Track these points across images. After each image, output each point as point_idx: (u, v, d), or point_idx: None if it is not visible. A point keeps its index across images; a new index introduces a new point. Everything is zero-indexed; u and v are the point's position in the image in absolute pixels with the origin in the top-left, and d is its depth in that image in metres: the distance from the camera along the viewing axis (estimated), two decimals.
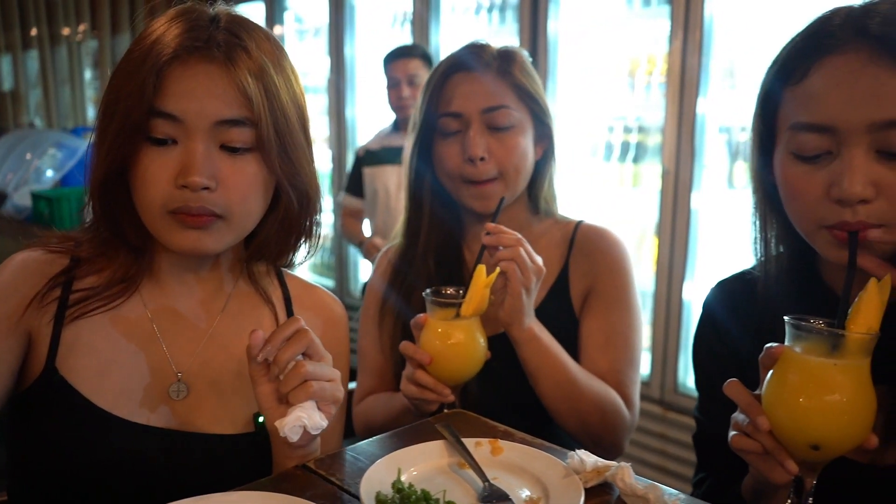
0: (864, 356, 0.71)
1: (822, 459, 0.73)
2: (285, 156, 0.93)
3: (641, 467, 2.65)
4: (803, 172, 0.83)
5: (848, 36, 0.80)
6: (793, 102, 0.84)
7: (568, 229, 1.38)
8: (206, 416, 0.98)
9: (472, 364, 1.11)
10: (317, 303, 1.13)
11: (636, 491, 0.77)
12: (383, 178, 3.04)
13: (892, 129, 0.77)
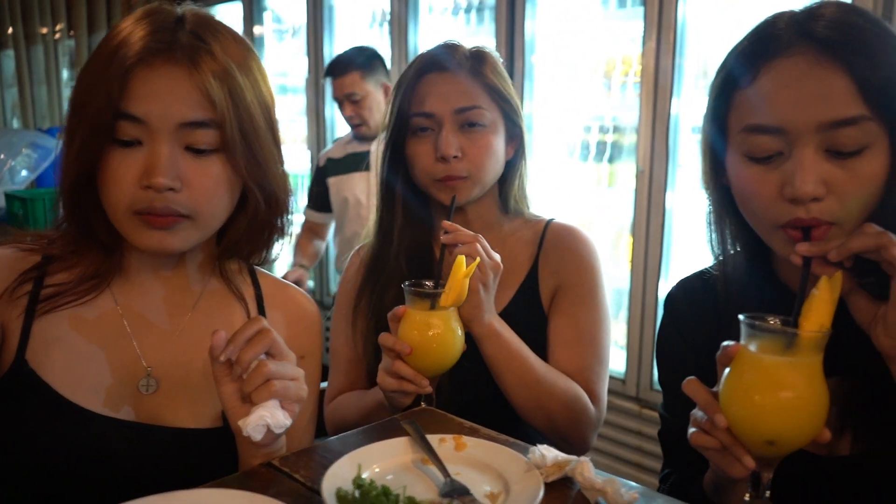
0: (817, 353, 0.73)
1: (778, 454, 0.75)
2: (251, 156, 0.93)
3: (618, 464, 2.67)
4: (756, 174, 0.85)
5: (793, 39, 0.82)
6: (743, 105, 0.86)
7: (538, 228, 1.40)
8: (176, 410, 0.98)
9: (451, 354, 1.12)
10: (289, 301, 1.14)
11: (595, 485, 0.79)
12: (350, 186, 2.93)
13: (840, 128, 0.79)
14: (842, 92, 0.79)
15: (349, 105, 2.85)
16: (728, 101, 0.89)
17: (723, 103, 0.90)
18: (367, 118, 2.86)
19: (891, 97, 0.79)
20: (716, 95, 0.91)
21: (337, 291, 1.48)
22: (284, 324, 1.11)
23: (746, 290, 0.97)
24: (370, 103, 2.85)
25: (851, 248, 0.76)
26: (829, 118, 0.79)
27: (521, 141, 1.36)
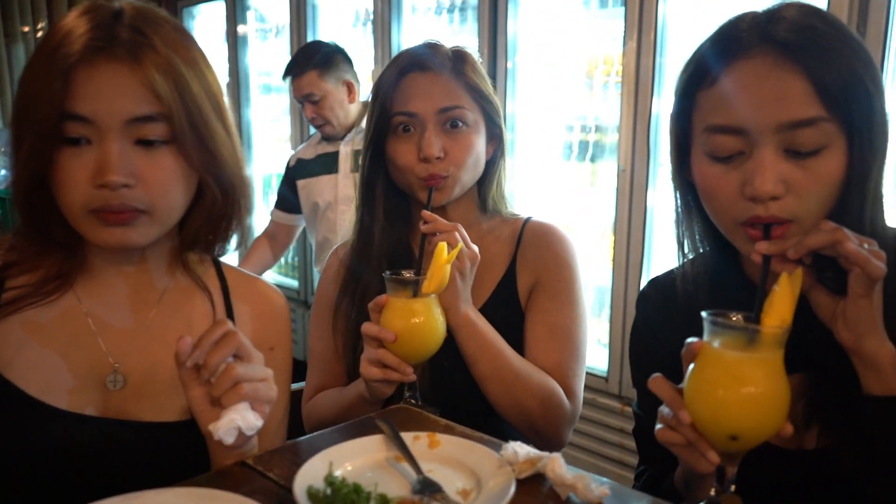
0: (778, 348, 0.74)
1: (741, 449, 0.76)
2: (203, 147, 0.93)
3: (600, 461, 2.68)
4: (719, 172, 0.86)
5: (755, 41, 0.84)
6: (706, 105, 0.87)
7: (516, 226, 1.40)
8: (144, 405, 0.98)
9: (434, 340, 1.13)
10: (256, 294, 1.14)
11: (565, 480, 0.79)
12: (320, 190, 2.82)
13: (798, 129, 0.80)
14: (800, 93, 0.80)
15: (309, 106, 2.74)
16: (692, 100, 0.90)
17: (687, 102, 0.91)
18: (329, 118, 2.75)
19: (848, 99, 0.80)
20: (680, 94, 0.92)
21: (316, 291, 1.48)
22: (252, 316, 1.11)
23: (715, 287, 0.98)
24: (331, 103, 2.73)
25: (808, 245, 0.77)
26: (787, 119, 0.80)
27: (501, 141, 1.37)
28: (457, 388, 1.27)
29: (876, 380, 0.78)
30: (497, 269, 1.37)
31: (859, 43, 0.84)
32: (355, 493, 0.73)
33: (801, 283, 0.75)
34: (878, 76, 0.84)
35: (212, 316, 1.07)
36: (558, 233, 1.39)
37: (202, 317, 1.07)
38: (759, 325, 0.74)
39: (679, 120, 0.93)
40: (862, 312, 0.76)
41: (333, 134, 2.79)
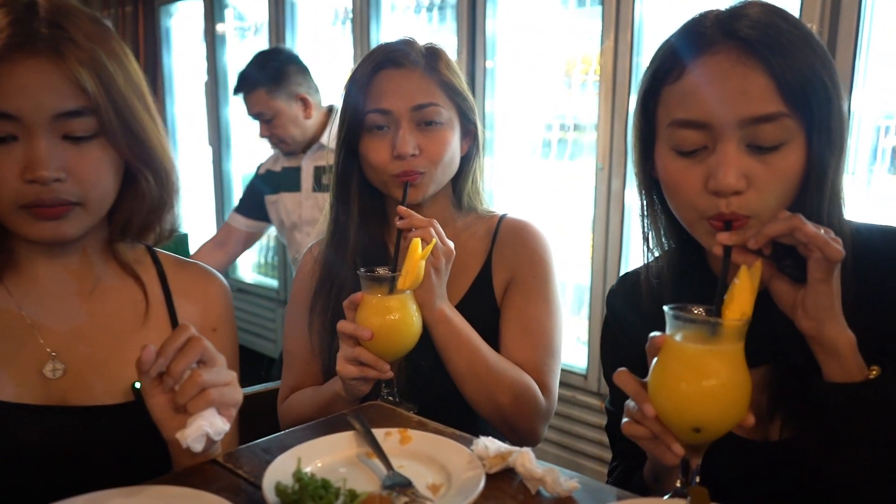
0: (738, 341, 0.75)
1: (705, 441, 0.77)
2: (132, 137, 0.94)
3: (580, 458, 2.70)
4: (683, 167, 0.87)
5: (718, 37, 0.84)
6: (670, 100, 0.88)
7: (492, 223, 1.40)
8: (85, 390, 0.99)
9: (411, 336, 1.13)
10: (194, 277, 1.15)
11: (534, 474, 0.80)
12: (285, 209, 2.66)
13: (760, 124, 0.82)
14: (762, 89, 0.82)
15: (261, 125, 2.56)
16: (657, 95, 0.91)
17: (652, 98, 0.92)
18: (283, 136, 2.56)
19: (807, 96, 0.82)
20: (645, 90, 0.93)
21: (291, 291, 1.47)
22: (190, 299, 1.12)
23: (680, 283, 0.99)
24: (283, 121, 2.54)
25: (768, 234, 0.78)
26: (749, 114, 0.82)
27: (476, 137, 1.36)
28: (433, 385, 1.27)
29: (836, 367, 0.79)
30: (473, 266, 1.37)
31: (819, 43, 0.86)
32: (323, 489, 0.73)
33: (762, 274, 0.76)
34: (837, 76, 0.86)
35: (145, 302, 1.08)
36: (533, 229, 1.39)
37: (137, 303, 1.07)
38: (719, 319, 0.75)
39: (644, 115, 0.94)
40: (821, 298, 0.77)
41: (288, 151, 2.64)
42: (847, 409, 0.79)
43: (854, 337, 0.79)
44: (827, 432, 0.81)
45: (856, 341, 0.79)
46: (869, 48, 2.02)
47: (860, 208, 2.10)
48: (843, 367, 0.79)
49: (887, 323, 0.84)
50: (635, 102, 0.96)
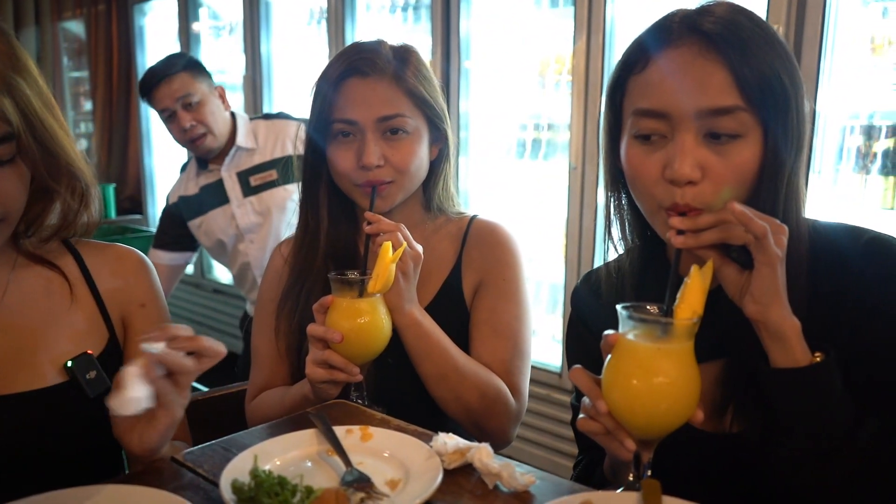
0: (688, 339, 0.76)
1: (656, 436, 0.78)
2: (48, 155, 0.96)
3: (556, 457, 2.72)
4: (643, 154, 0.89)
5: (683, 32, 0.87)
6: (635, 90, 0.91)
7: (462, 224, 1.40)
8: (13, 377, 1.00)
9: (380, 340, 1.13)
10: (112, 256, 1.17)
11: (491, 469, 0.81)
12: (218, 226, 2.48)
13: (717, 116, 0.84)
14: (720, 83, 0.84)
15: (186, 114, 2.32)
16: (623, 86, 0.93)
17: (618, 89, 0.94)
18: (210, 124, 2.36)
19: (764, 92, 0.84)
20: (613, 81, 0.95)
21: (259, 289, 1.46)
22: (112, 278, 1.14)
23: (641, 280, 1.00)
24: (211, 107, 2.37)
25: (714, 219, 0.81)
26: (707, 106, 0.84)
27: (446, 142, 1.36)
28: (403, 388, 1.27)
29: (782, 352, 0.81)
30: (442, 268, 1.37)
31: (781, 43, 0.88)
32: (279, 486, 0.73)
33: (712, 271, 0.78)
34: (798, 77, 0.88)
35: (67, 285, 1.10)
36: (503, 232, 1.39)
37: (58, 288, 1.09)
38: (669, 318, 0.76)
39: (611, 106, 0.96)
40: (766, 282, 0.79)
41: (213, 147, 2.41)
42: (790, 394, 0.81)
43: (799, 324, 0.81)
44: (773, 418, 0.83)
45: (801, 328, 0.81)
46: (834, 49, 2.06)
47: (826, 206, 2.14)
48: (787, 353, 0.80)
49: (837, 315, 0.86)
50: (604, 94, 0.98)
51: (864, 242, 0.90)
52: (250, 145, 2.44)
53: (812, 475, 0.81)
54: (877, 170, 2.12)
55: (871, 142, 2.16)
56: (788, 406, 0.81)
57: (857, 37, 2.12)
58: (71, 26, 5.42)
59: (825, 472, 0.80)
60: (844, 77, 2.09)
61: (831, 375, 0.80)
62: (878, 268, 0.87)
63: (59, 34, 5.51)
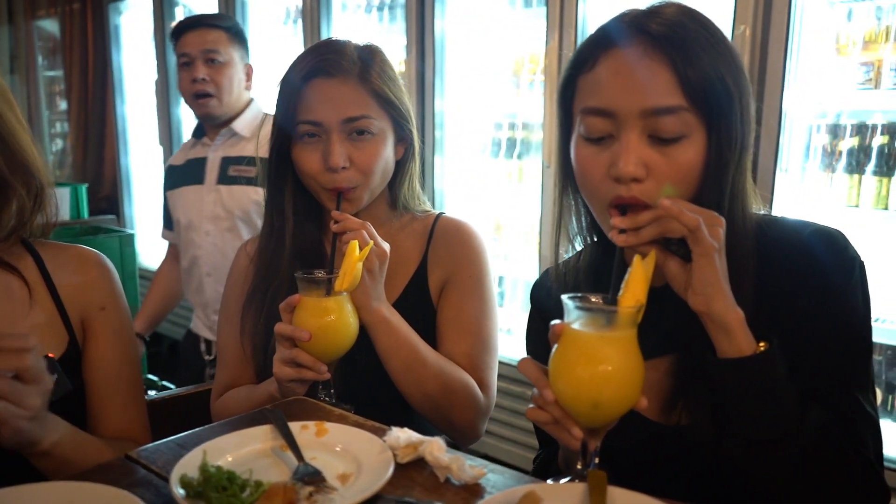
0: (631, 327, 0.77)
1: (602, 424, 0.80)
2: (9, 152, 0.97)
3: (530, 453, 2.73)
4: (591, 153, 0.91)
5: (631, 32, 0.89)
6: (584, 89, 0.92)
7: (427, 223, 1.41)
8: None
9: (348, 338, 1.14)
10: (72, 258, 1.16)
11: (441, 462, 0.81)
12: (183, 203, 2.33)
13: (661, 116, 0.85)
14: (664, 83, 0.85)
15: (203, 66, 2.19)
16: (573, 85, 0.95)
17: (569, 87, 0.95)
18: (223, 87, 2.23)
19: (707, 93, 0.86)
20: (564, 81, 0.97)
21: (224, 288, 1.46)
22: (72, 280, 1.14)
23: (594, 275, 1.02)
24: (231, 74, 2.25)
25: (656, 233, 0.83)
26: (651, 105, 0.85)
27: (412, 142, 1.36)
28: (371, 385, 1.27)
29: (727, 342, 0.82)
30: (409, 266, 1.38)
31: (727, 46, 0.90)
32: (228, 481, 0.74)
33: (654, 261, 0.79)
34: (744, 79, 0.90)
35: (26, 288, 1.09)
36: (468, 229, 1.40)
37: (16, 291, 1.08)
38: (612, 307, 0.77)
39: (562, 105, 0.98)
40: (706, 274, 0.80)
41: (215, 114, 2.27)
42: (735, 382, 0.82)
43: (742, 314, 0.82)
44: (719, 407, 0.84)
45: (744, 318, 0.83)
46: (800, 50, 2.09)
47: (793, 204, 2.17)
48: (732, 343, 0.82)
49: (782, 307, 0.88)
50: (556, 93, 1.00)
51: (806, 235, 0.92)
52: (245, 133, 2.30)
53: (759, 464, 0.82)
54: (842, 168, 2.15)
55: (836, 140, 2.19)
56: (734, 394, 0.83)
57: (822, 37, 2.15)
58: (45, 25, 5.37)
59: (772, 460, 0.82)
60: (811, 77, 2.13)
61: (775, 364, 0.82)
62: (818, 260, 0.90)
63: (33, 33, 5.46)
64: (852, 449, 0.85)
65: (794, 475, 0.82)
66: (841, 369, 0.89)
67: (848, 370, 0.89)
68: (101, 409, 1.15)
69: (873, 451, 0.88)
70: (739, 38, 2.07)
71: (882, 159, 2.09)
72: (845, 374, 0.89)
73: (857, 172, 2.13)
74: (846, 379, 0.89)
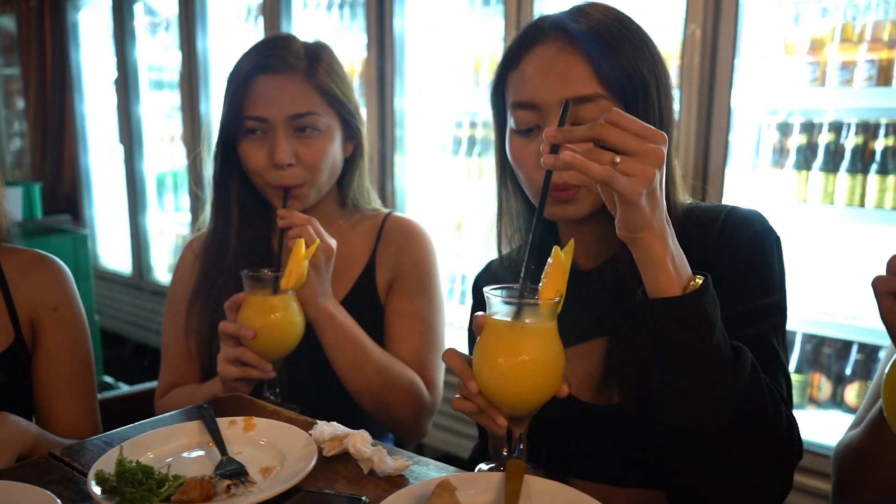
0: (551, 318, 0.79)
1: (525, 412, 0.81)
2: None
3: None
4: (521, 144, 0.94)
5: (553, 30, 0.93)
6: (511, 85, 0.96)
7: (377, 221, 1.41)
8: None
9: (293, 336, 1.14)
10: (27, 260, 1.19)
11: (364, 455, 0.82)
12: None
13: (581, 104, 0.89)
14: (581, 74, 0.90)
15: None
16: (504, 81, 0.98)
17: (500, 84, 0.99)
18: None
19: (623, 83, 0.90)
20: (495, 79, 1.00)
21: (170, 286, 1.45)
22: (26, 283, 1.17)
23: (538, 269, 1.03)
24: None
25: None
26: (569, 95, 0.89)
27: (360, 139, 1.36)
28: (317, 384, 1.27)
29: (653, 278, 0.78)
30: (357, 264, 1.38)
31: (643, 39, 0.94)
32: (144, 475, 0.73)
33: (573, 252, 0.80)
34: (658, 69, 0.94)
35: None
36: (417, 228, 1.40)
37: None
38: (532, 299, 0.78)
39: (494, 103, 1.02)
40: (633, 218, 0.76)
41: None
42: (665, 322, 0.78)
43: (672, 249, 0.78)
44: (650, 349, 0.81)
45: (674, 254, 0.78)
46: (749, 49, 2.13)
47: (744, 200, 2.21)
48: (658, 278, 0.78)
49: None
50: (489, 91, 1.02)
51: (723, 217, 0.95)
52: None
53: (694, 409, 0.79)
54: (791, 165, 2.20)
55: (785, 138, 2.24)
56: (665, 336, 0.79)
57: (771, 38, 2.20)
58: (2, 22, 5.27)
59: (706, 405, 0.78)
60: (760, 75, 2.17)
61: (704, 301, 0.77)
62: (729, 238, 0.93)
63: None
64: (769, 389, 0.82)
65: (726, 422, 0.79)
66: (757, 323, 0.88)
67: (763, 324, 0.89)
68: (51, 408, 1.17)
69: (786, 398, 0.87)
70: (690, 37, 2.11)
71: (828, 156, 2.14)
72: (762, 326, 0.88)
73: (804, 169, 2.18)
74: (763, 329, 0.89)
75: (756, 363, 0.81)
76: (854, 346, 2.23)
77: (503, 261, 1.11)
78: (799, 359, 2.31)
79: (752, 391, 0.80)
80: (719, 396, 0.78)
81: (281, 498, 0.75)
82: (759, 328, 0.88)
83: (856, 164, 2.09)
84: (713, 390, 0.78)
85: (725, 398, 0.78)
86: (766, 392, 0.82)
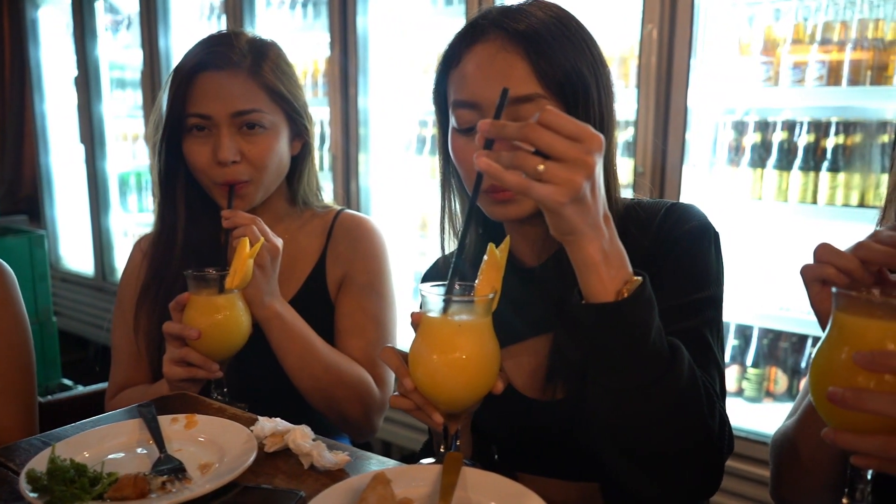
0: (486, 315, 0.79)
1: (460, 409, 0.81)
2: None
3: None
4: (463, 143, 0.94)
5: (492, 28, 0.92)
6: (452, 84, 0.95)
7: (327, 219, 1.41)
8: None
9: (239, 336, 1.13)
10: None
11: (303, 449, 0.82)
12: None
13: (521, 104, 0.89)
14: (521, 74, 0.89)
15: None
16: (446, 80, 0.98)
17: (443, 82, 0.99)
18: None
19: (562, 81, 0.90)
20: (437, 78, 0.99)
21: (119, 285, 1.43)
22: None
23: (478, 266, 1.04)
24: None
25: None
26: (513, 94, 0.88)
27: (308, 136, 1.35)
28: (266, 383, 1.27)
29: (585, 281, 0.77)
30: (307, 262, 1.37)
31: (583, 38, 0.94)
32: (77, 473, 0.73)
33: (508, 249, 0.81)
34: (598, 68, 0.94)
35: None
36: (368, 225, 1.40)
37: None
38: (466, 296, 0.79)
39: (437, 102, 1.01)
40: (558, 222, 0.75)
41: None
42: (595, 327, 0.77)
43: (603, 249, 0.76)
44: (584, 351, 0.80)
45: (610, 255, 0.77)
46: (705, 49, 2.16)
47: (701, 198, 2.24)
48: (592, 282, 0.77)
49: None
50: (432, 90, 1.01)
51: (662, 213, 0.97)
52: None
53: (629, 409, 0.79)
54: (746, 163, 2.24)
55: (741, 136, 2.28)
56: (597, 339, 0.77)
57: (726, 38, 2.24)
58: None
59: (641, 405, 0.78)
60: (716, 75, 2.20)
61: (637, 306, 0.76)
62: (667, 233, 0.94)
63: None
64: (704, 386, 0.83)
65: (661, 421, 0.79)
66: (691, 317, 0.89)
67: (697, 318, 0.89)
68: None
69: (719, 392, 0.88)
70: (647, 37, 2.14)
71: (782, 154, 2.18)
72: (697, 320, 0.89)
73: (759, 167, 2.22)
74: (698, 323, 0.90)
75: (692, 361, 0.81)
76: (809, 340, 2.28)
77: (448, 259, 1.12)
78: (756, 353, 2.36)
79: (688, 390, 0.80)
80: (655, 396, 0.78)
81: (218, 493, 0.75)
82: (694, 322, 0.89)
83: (808, 162, 2.14)
84: (649, 390, 0.78)
85: (661, 398, 0.78)
86: (702, 390, 0.82)
